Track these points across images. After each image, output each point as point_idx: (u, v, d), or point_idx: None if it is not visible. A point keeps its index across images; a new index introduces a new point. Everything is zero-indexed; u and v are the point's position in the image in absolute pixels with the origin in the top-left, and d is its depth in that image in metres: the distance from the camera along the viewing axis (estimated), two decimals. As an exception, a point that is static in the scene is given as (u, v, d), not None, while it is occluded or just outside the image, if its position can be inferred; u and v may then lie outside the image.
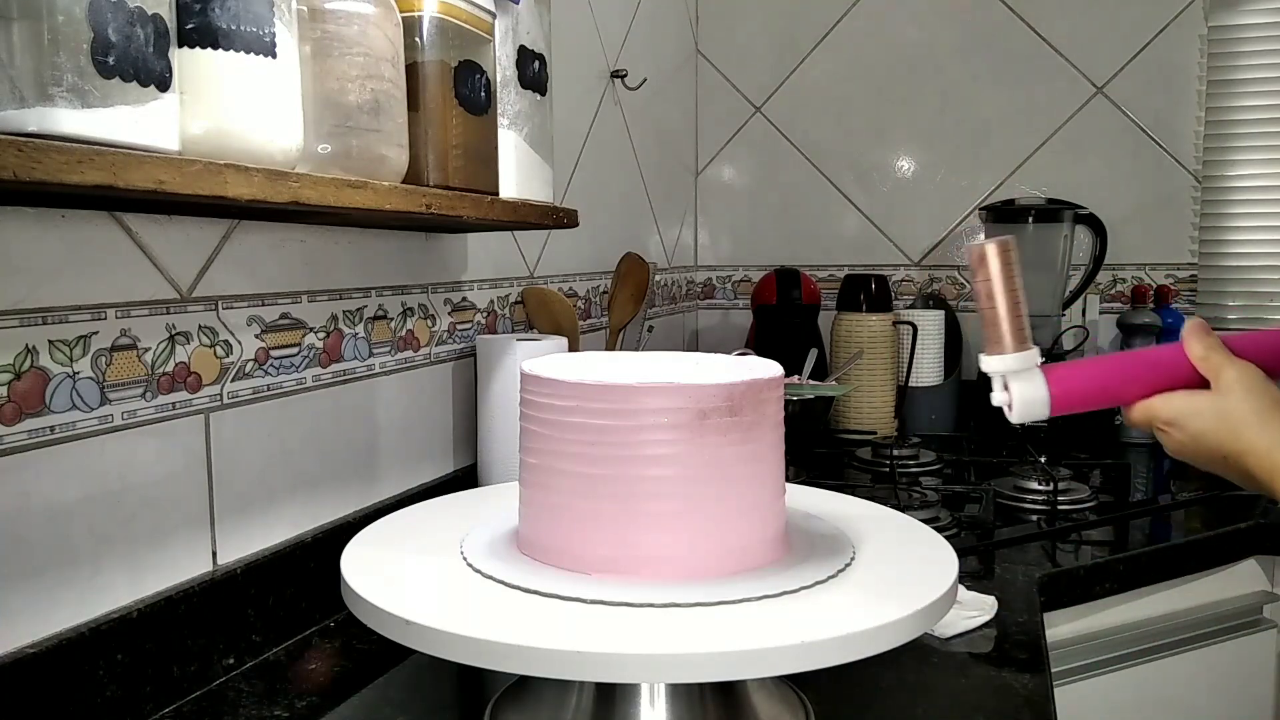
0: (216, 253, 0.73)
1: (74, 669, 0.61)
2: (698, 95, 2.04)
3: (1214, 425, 0.60)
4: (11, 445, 0.58)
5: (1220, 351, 0.62)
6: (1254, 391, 0.60)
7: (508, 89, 0.87)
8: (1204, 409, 0.61)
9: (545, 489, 0.61)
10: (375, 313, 0.93)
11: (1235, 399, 0.60)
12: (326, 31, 0.65)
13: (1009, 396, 0.64)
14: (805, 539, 0.66)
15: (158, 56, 0.49)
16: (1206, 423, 0.61)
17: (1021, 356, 0.63)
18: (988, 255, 0.62)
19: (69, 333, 0.61)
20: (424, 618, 0.52)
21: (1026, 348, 0.63)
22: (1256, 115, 1.71)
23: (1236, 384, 0.60)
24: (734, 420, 0.58)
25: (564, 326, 1.18)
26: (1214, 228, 1.76)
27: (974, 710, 0.69)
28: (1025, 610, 0.87)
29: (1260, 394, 0.60)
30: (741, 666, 0.51)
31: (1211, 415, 0.61)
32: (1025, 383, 0.64)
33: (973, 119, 1.87)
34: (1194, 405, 0.62)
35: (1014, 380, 0.64)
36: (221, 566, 0.74)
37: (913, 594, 0.56)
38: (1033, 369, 0.64)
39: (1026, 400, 0.64)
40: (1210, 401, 0.61)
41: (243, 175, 0.54)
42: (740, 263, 2.06)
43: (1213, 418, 0.61)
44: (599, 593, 0.55)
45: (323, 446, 0.85)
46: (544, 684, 0.64)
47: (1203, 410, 0.61)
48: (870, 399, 1.64)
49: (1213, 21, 1.72)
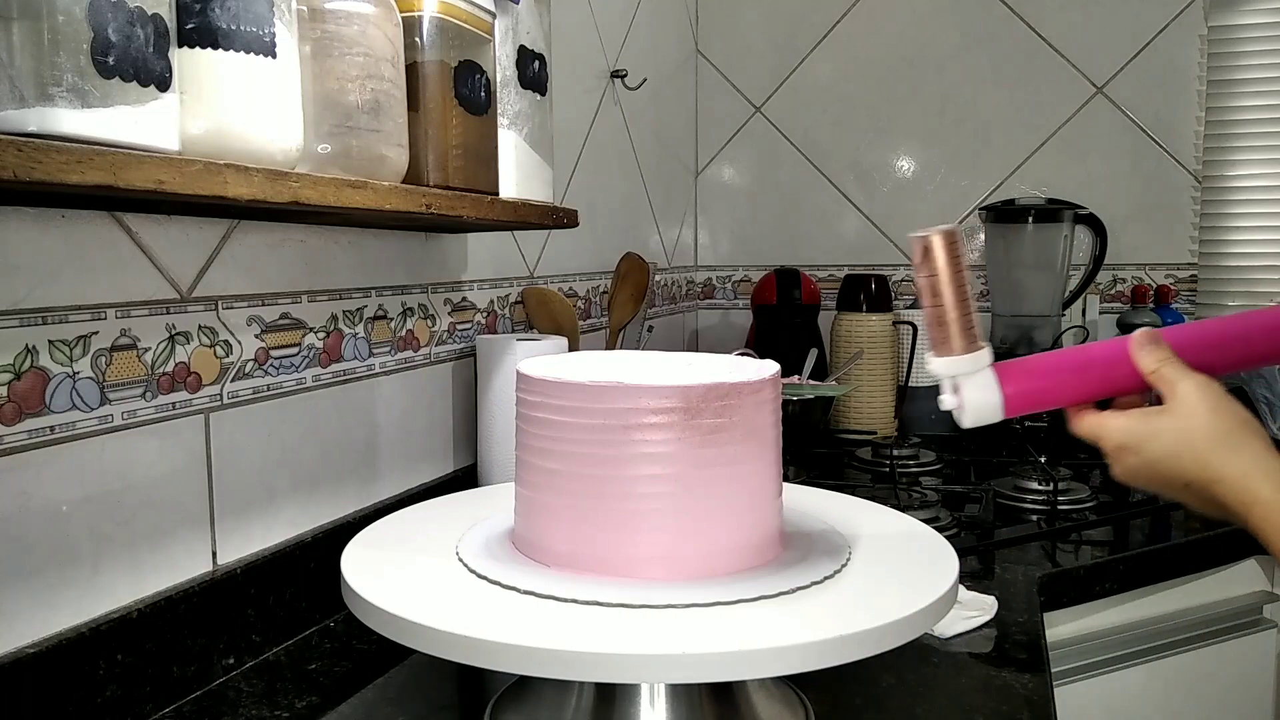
0: (216, 253, 0.73)
1: (74, 669, 0.61)
2: (698, 95, 2.04)
3: (1175, 450, 0.55)
4: (11, 445, 0.58)
5: (1173, 365, 0.56)
6: (1218, 411, 0.54)
7: (508, 89, 0.87)
8: (1161, 431, 0.55)
9: (541, 489, 0.61)
10: (375, 313, 0.93)
11: (1198, 420, 0.54)
12: (326, 31, 0.65)
13: (959, 400, 0.60)
14: (804, 539, 0.66)
15: (158, 56, 0.49)
16: (1166, 447, 0.55)
17: (972, 358, 0.59)
18: (932, 247, 0.57)
19: (69, 333, 0.61)
20: (424, 618, 0.52)
21: (977, 347, 0.59)
22: (1256, 115, 1.71)
23: (1199, 404, 0.55)
24: (727, 420, 0.58)
25: (564, 326, 1.18)
26: (1214, 228, 1.76)
27: (974, 710, 0.69)
28: (1025, 610, 0.87)
29: (1224, 414, 0.54)
30: (741, 666, 0.51)
31: (1172, 439, 0.55)
32: (976, 385, 0.59)
33: (973, 119, 1.87)
34: (1149, 427, 0.56)
35: (965, 382, 0.60)
36: (221, 566, 0.74)
37: (913, 594, 0.56)
38: (984, 370, 0.59)
39: (978, 404, 0.60)
40: (1169, 422, 0.55)
41: (243, 175, 0.54)
42: (740, 263, 2.06)
43: (1174, 442, 0.55)
44: (596, 593, 0.55)
45: (323, 446, 0.85)
46: (544, 684, 0.64)
47: (1160, 434, 0.55)
48: (870, 399, 1.64)
49: (1213, 21, 1.72)
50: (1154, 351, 0.57)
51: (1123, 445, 0.58)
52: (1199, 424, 0.54)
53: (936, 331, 0.59)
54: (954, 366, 0.59)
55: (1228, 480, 0.53)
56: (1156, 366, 0.57)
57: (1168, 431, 0.55)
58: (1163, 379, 0.57)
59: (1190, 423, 0.55)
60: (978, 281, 1.89)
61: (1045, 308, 1.69)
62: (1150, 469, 0.57)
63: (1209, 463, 0.54)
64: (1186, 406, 0.55)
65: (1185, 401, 0.55)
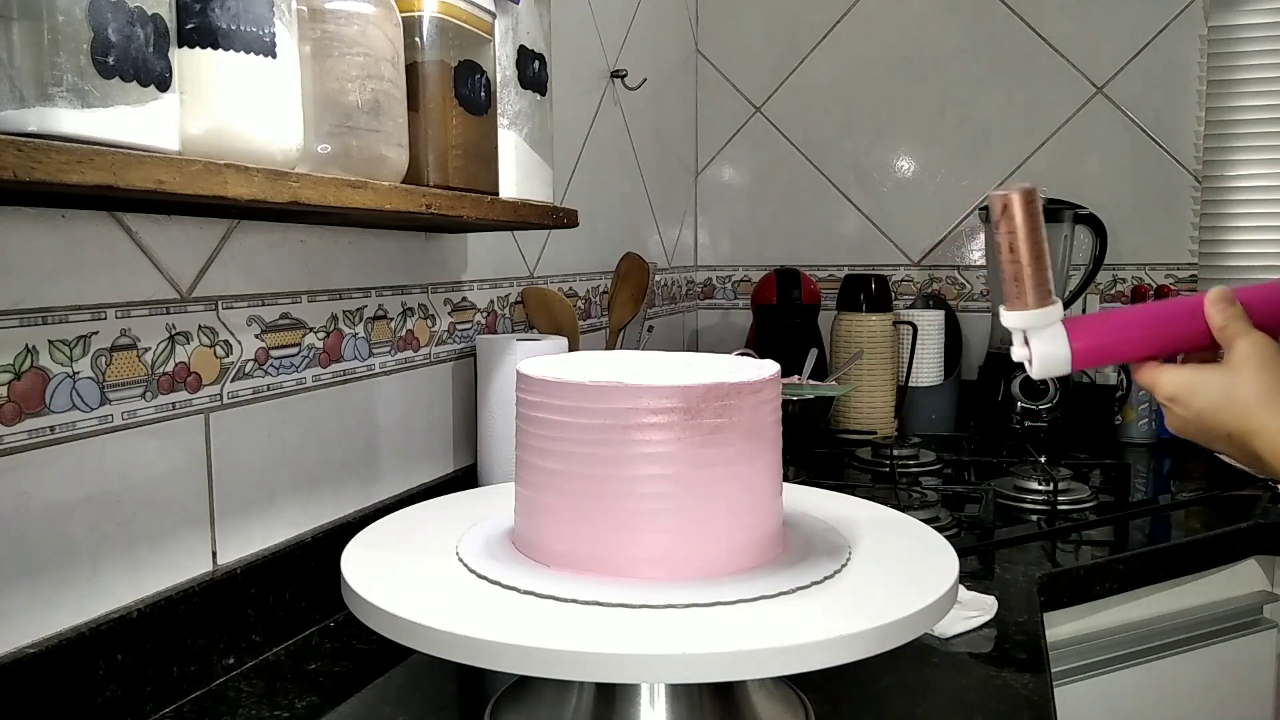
0: (216, 253, 0.73)
1: (74, 669, 0.61)
2: (698, 95, 2.04)
3: (1220, 404, 0.57)
4: (11, 445, 0.58)
5: (1239, 322, 0.58)
6: (1266, 368, 0.56)
7: (508, 89, 0.87)
8: (1210, 384, 0.58)
9: (541, 489, 0.61)
10: (375, 313, 0.93)
11: (1245, 376, 0.56)
12: (326, 31, 0.65)
13: (1029, 352, 0.63)
14: (804, 539, 0.66)
15: (158, 56, 0.49)
16: (1212, 400, 0.58)
17: (1044, 312, 0.61)
18: (1011, 204, 0.59)
19: (69, 333, 0.61)
20: (424, 618, 0.52)
21: (1050, 302, 0.61)
22: (1256, 115, 1.71)
23: (1250, 359, 0.57)
24: (727, 420, 0.58)
25: (564, 326, 1.18)
26: (1214, 228, 1.76)
27: (974, 710, 0.69)
28: (1025, 610, 0.87)
29: (1272, 370, 0.56)
30: (741, 666, 0.51)
31: (1218, 392, 0.58)
32: (1047, 339, 0.62)
33: (973, 119, 1.87)
34: (1199, 380, 0.59)
35: (1035, 336, 0.62)
36: (221, 566, 0.74)
37: (913, 594, 0.56)
38: (1055, 324, 0.62)
39: (1047, 356, 0.62)
40: (1218, 377, 0.58)
41: (243, 175, 0.54)
42: (740, 263, 2.06)
43: (1219, 395, 0.57)
44: (596, 593, 0.55)
45: (322, 446, 0.85)
46: (544, 684, 0.64)
47: (1209, 386, 0.58)
48: (870, 399, 1.64)
49: (1213, 21, 1.72)
50: (1225, 309, 0.59)
51: (1173, 396, 0.60)
52: (1245, 380, 0.57)
53: (1012, 286, 0.62)
54: (1027, 320, 0.62)
55: (1266, 433, 0.55)
56: (1224, 323, 0.59)
57: (1215, 385, 0.58)
58: (1226, 334, 0.59)
59: (1238, 377, 0.57)
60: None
61: (1045, 308, 1.69)
62: (1197, 420, 0.59)
63: (1249, 416, 0.56)
64: (1237, 360, 0.57)
65: (1237, 356, 0.58)
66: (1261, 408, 0.56)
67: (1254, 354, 0.57)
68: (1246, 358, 0.57)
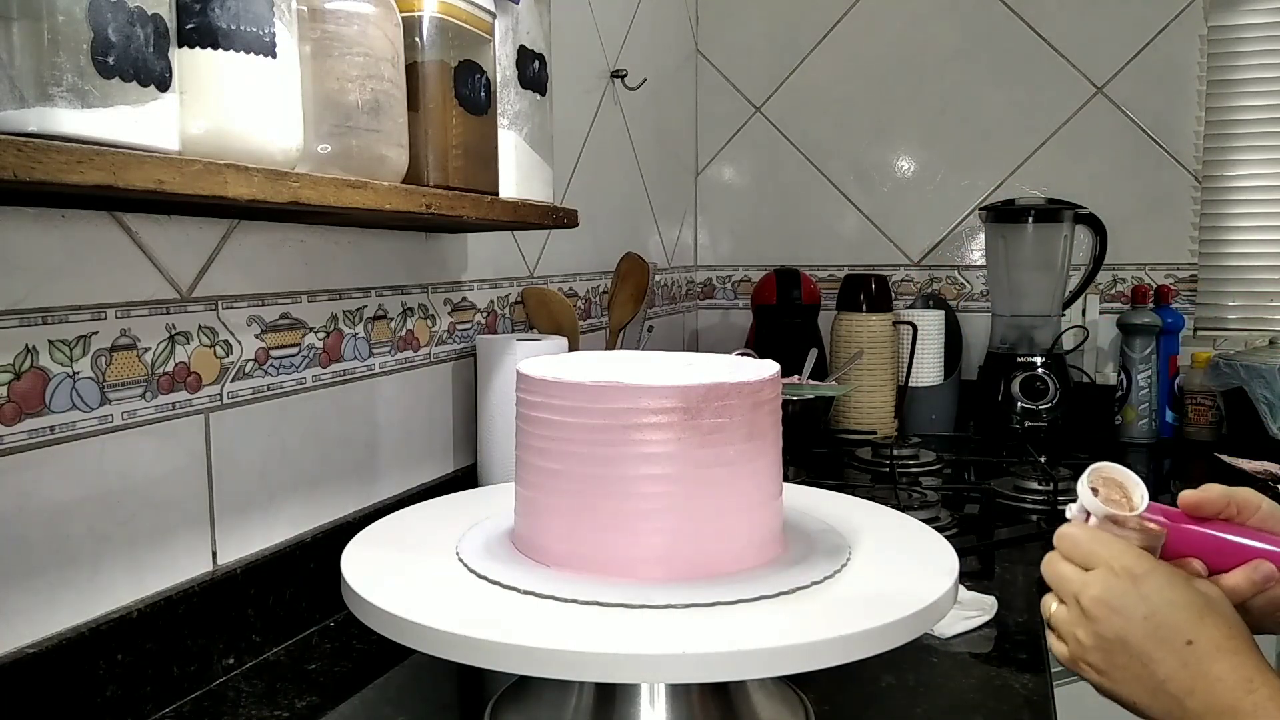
0: (216, 253, 0.73)
1: (74, 669, 0.61)
2: (698, 95, 2.04)
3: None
4: (11, 445, 0.58)
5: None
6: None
7: (508, 89, 0.87)
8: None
9: (541, 489, 0.61)
10: (375, 313, 0.93)
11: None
12: (326, 31, 0.65)
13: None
14: (804, 538, 0.66)
15: (158, 56, 0.49)
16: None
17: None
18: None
19: (69, 333, 0.61)
20: (424, 618, 0.52)
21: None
22: (1256, 115, 1.71)
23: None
24: (727, 420, 0.58)
25: (564, 326, 1.18)
26: (1214, 228, 1.76)
27: (974, 710, 0.69)
28: (1025, 610, 0.87)
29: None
30: (741, 666, 0.51)
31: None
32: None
33: (973, 119, 1.87)
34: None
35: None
36: (221, 566, 0.74)
37: (913, 594, 0.56)
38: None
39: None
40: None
41: (243, 175, 0.54)
42: (740, 263, 2.06)
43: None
44: (596, 593, 0.55)
45: (322, 446, 0.85)
46: (544, 684, 0.64)
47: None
48: (870, 399, 1.64)
49: (1213, 21, 1.72)
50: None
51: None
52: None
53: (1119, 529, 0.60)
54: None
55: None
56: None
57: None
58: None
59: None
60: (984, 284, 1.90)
61: (1045, 308, 1.69)
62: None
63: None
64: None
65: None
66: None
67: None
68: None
